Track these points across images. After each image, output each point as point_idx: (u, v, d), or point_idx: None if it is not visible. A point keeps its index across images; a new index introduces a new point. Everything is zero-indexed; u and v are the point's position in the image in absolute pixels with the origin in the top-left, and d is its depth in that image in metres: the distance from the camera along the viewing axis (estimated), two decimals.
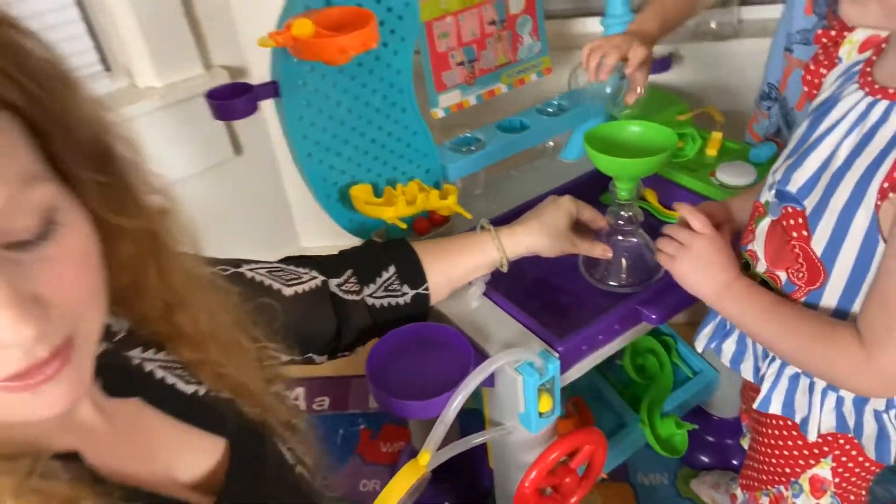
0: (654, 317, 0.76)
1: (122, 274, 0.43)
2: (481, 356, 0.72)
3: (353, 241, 0.84)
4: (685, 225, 0.70)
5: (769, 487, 0.77)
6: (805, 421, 0.66)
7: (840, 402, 0.65)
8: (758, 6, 1.18)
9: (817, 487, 0.72)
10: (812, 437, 0.66)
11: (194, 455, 0.50)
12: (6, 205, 0.32)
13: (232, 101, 0.71)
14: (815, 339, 0.60)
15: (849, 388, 0.61)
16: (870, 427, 0.64)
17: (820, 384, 0.65)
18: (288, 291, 0.70)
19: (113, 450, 0.45)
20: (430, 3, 0.86)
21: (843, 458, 0.70)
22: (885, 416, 0.64)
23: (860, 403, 0.64)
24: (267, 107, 0.77)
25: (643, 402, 1.03)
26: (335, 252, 0.77)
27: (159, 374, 0.51)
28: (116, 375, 0.47)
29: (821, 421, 0.65)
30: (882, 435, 0.64)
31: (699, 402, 1.15)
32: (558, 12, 1.24)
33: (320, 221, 0.92)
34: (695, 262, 0.68)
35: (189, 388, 0.52)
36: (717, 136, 0.97)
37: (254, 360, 0.55)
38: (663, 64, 1.15)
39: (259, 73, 0.90)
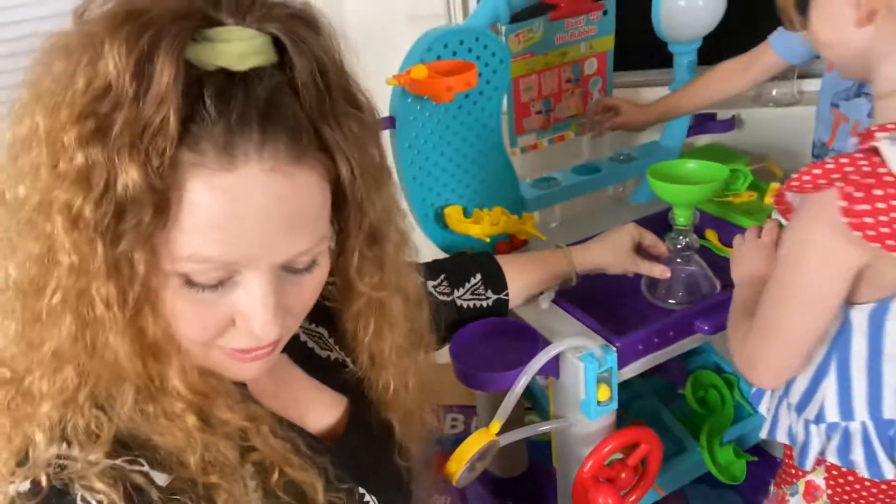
0: (706, 328, 0.86)
1: (346, 322, 0.56)
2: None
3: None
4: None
5: (782, 486, 0.82)
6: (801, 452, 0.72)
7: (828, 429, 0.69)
8: (815, 79, 1.30)
9: (810, 492, 0.76)
10: (808, 466, 0.71)
11: (322, 408, 0.59)
12: (303, 252, 0.44)
13: None
14: (736, 320, 0.70)
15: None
16: (857, 454, 0.68)
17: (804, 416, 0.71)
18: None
19: (266, 391, 0.54)
20: (521, 62, 1.04)
21: (835, 472, 0.73)
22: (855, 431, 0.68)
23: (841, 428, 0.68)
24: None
25: (703, 429, 1.09)
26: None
27: (303, 338, 0.62)
28: None
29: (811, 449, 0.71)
30: (870, 456, 0.67)
31: (760, 442, 1.19)
32: (631, 83, 1.39)
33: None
34: (748, 250, 0.79)
35: (324, 353, 0.62)
36: (774, 186, 1.08)
37: (423, 414, 0.64)
38: (726, 125, 1.28)
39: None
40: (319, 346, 0.63)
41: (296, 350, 0.60)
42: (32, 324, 0.42)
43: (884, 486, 0.71)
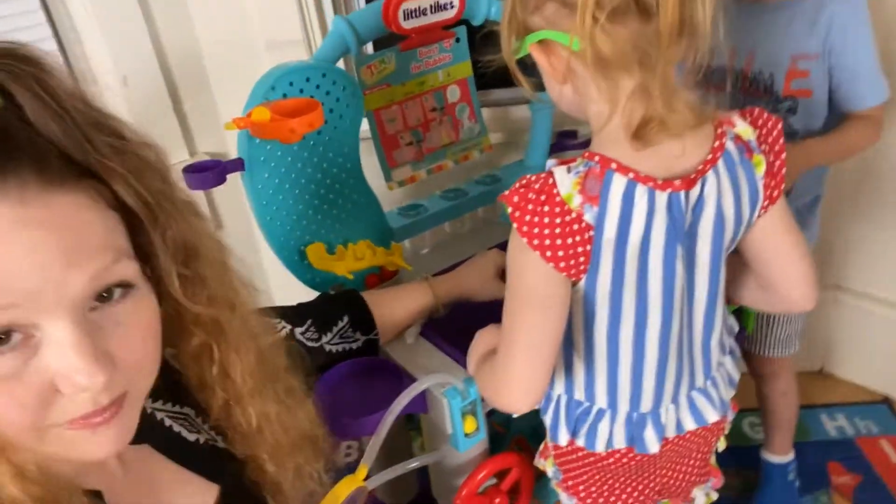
0: None
1: (189, 371, 0.51)
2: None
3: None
4: None
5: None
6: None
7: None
8: None
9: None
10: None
11: (189, 500, 0.55)
12: (103, 269, 0.40)
13: (204, 173, 0.86)
14: (482, 373, 0.76)
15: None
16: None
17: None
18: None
19: (125, 491, 0.50)
20: (377, 94, 1.03)
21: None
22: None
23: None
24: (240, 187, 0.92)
25: None
26: None
27: (167, 422, 0.57)
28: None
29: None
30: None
31: None
32: (497, 101, 1.42)
33: (290, 281, 1.05)
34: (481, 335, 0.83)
35: (192, 437, 0.58)
36: None
37: (296, 457, 0.60)
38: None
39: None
40: (187, 429, 0.58)
41: (160, 437, 0.56)
42: None
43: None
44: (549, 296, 0.65)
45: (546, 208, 0.60)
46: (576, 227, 0.61)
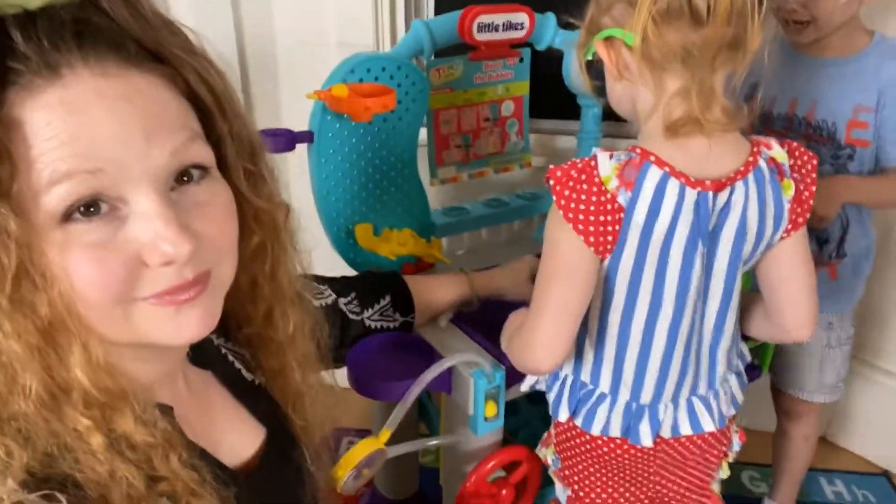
0: None
1: (244, 271, 0.51)
2: None
3: None
4: None
5: None
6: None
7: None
8: None
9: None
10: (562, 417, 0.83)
11: (238, 437, 0.56)
12: (182, 145, 0.42)
13: (275, 136, 0.92)
14: (511, 342, 0.81)
15: None
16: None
17: None
18: (315, 304, 0.86)
19: (188, 412, 0.51)
20: (440, 95, 1.10)
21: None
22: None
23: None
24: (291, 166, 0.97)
25: None
26: None
27: (230, 357, 0.60)
28: (197, 347, 0.54)
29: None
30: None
31: None
32: (546, 130, 1.49)
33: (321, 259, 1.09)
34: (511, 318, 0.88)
35: (249, 376, 0.61)
36: None
37: (315, 373, 0.63)
38: None
39: None
40: (245, 367, 0.61)
41: (221, 367, 0.59)
42: None
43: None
44: (577, 267, 0.70)
45: (584, 186, 0.67)
46: (609, 206, 0.67)
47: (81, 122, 0.39)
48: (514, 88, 1.19)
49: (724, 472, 0.90)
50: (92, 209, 0.40)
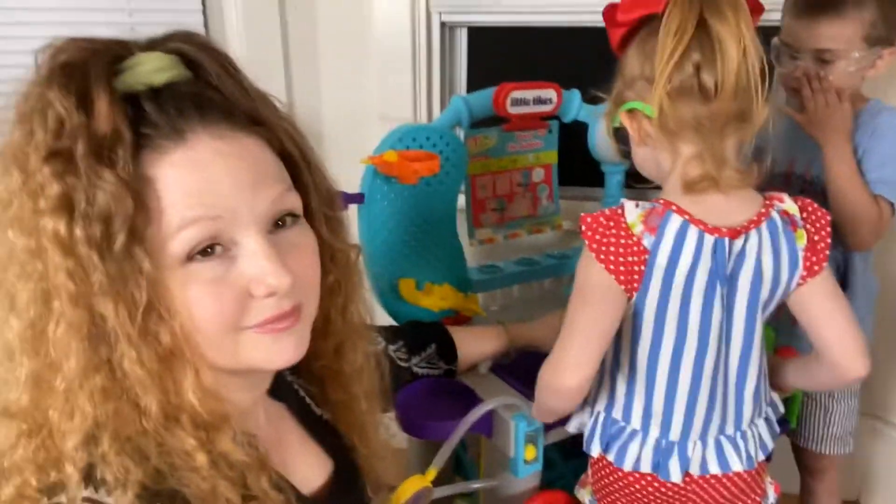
0: None
1: (319, 307, 0.55)
2: None
3: None
4: None
5: None
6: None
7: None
8: None
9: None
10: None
11: (308, 468, 0.60)
12: (280, 195, 0.49)
13: None
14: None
15: None
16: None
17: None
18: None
19: (266, 440, 0.55)
20: (477, 162, 1.20)
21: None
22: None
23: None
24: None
25: None
26: None
27: (301, 393, 0.65)
28: (274, 382, 0.59)
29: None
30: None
31: None
32: (573, 196, 1.57)
33: None
34: None
35: (318, 411, 0.66)
36: None
37: (378, 408, 0.68)
38: None
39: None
40: (314, 402, 0.66)
41: (293, 401, 0.63)
42: (42, 363, 0.44)
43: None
44: (606, 296, 0.77)
45: (613, 230, 0.75)
46: (635, 248, 0.75)
47: (204, 176, 0.46)
48: (543, 157, 1.29)
49: None
50: (209, 250, 0.46)
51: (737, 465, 0.84)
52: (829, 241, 0.80)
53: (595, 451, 0.86)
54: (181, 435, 0.47)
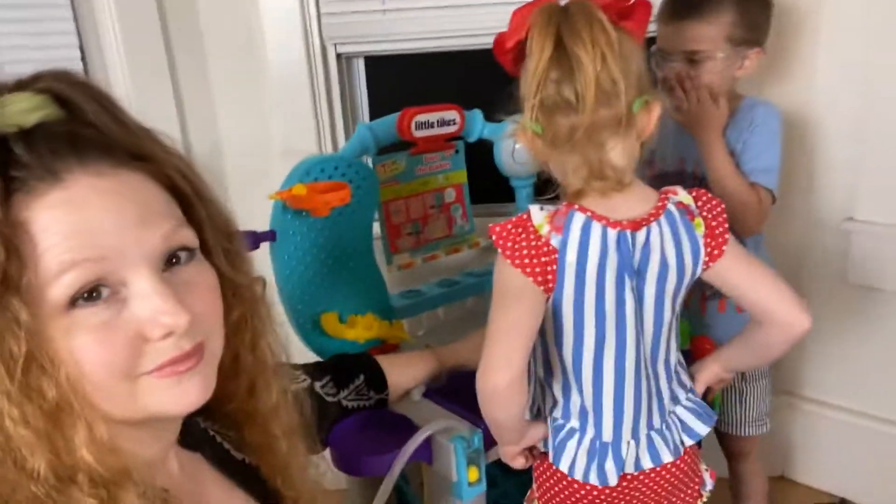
0: None
1: (226, 346, 0.53)
2: None
3: None
4: None
5: None
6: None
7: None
8: None
9: None
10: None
11: None
12: (171, 231, 0.47)
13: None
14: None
15: None
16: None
17: None
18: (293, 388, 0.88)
19: (181, 493, 0.53)
20: (388, 188, 1.19)
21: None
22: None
23: None
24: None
25: None
26: None
27: (218, 439, 0.62)
28: (186, 431, 0.57)
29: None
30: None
31: None
32: (486, 213, 1.60)
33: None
34: None
35: (239, 455, 0.63)
36: None
37: (301, 447, 0.64)
38: None
39: None
40: (234, 447, 0.63)
41: (210, 449, 0.61)
42: None
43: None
44: (524, 294, 0.79)
45: (522, 234, 0.78)
46: (545, 249, 0.78)
47: (83, 217, 0.43)
48: (453, 177, 1.30)
49: None
50: (94, 294, 0.43)
51: (667, 456, 0.87)
52: (726, 225, 0.84)
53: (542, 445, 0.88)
54: (78, 496, 0.43)
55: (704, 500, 0.95)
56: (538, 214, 0.78)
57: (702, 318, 1.23)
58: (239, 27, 1.45)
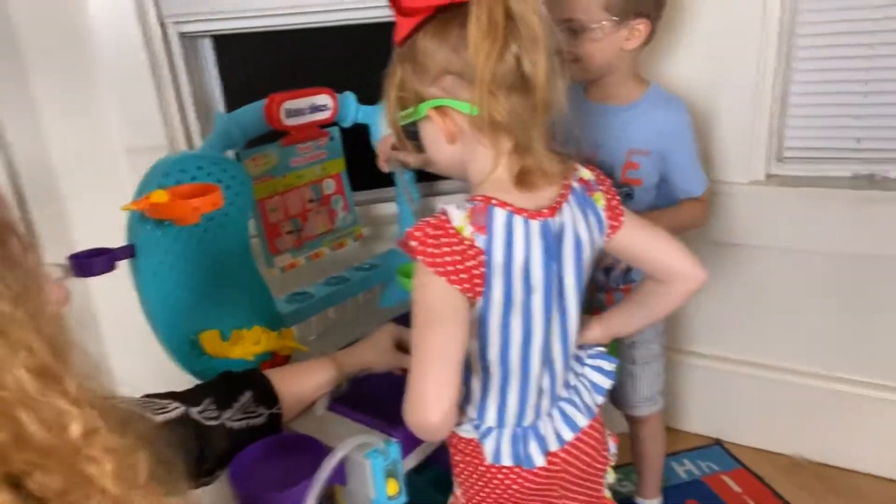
0: None
1: None
2: None
3: None
4: None
5: None
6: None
7: None
8: None
9: None
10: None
11: None
12: None
13: (91, 259, 0.83)
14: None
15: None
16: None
17: None
18: (158, 420, 0.77)
19: None
20: (261, 184, 1.08)
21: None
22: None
23: None
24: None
25: None
26: None
27: None
28: None
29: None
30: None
31: None
32: (366, 201, 1.52)
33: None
34: None
35: None
36: None
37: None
38: None
39: None
40: None
41: None
42: None
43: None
44: (454, 315, 0.72)
45: (444, 239, 0.71)
46: (470, 252, 0.71)
47: None
48: (330, 167, 1.21)
49: (611, 477, 0.97)
50: None
51: (582, 420, 0.86)
52: (618, 197, 0.84)
53: (459, 433, 0.84)
54: None
55: (612, 464, 0.96)
56: (457, 214, 0.71)
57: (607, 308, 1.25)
58: (57, 7, 1.23)
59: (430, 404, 0.72)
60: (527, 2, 0.67)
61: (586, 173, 0.82)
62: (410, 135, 0.78)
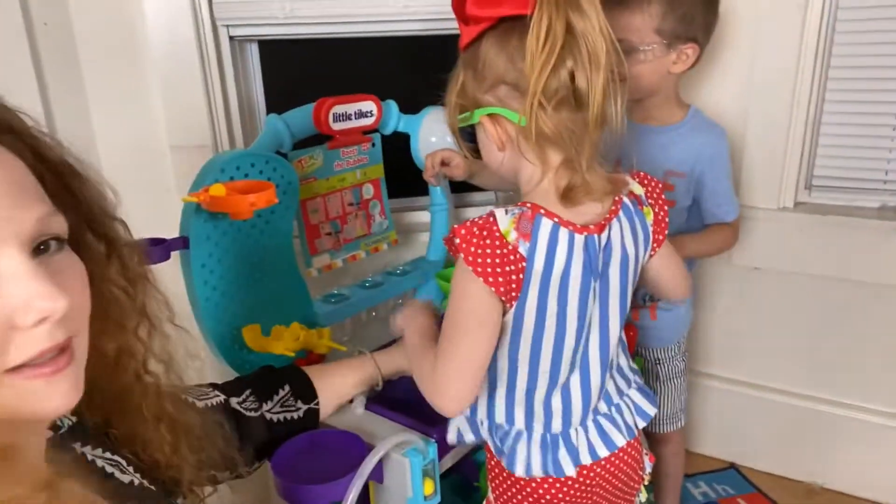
0: None
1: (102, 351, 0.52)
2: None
3: None
4: None
5: None
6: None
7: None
8: None
9: None
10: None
11: None
12: (45, 216, 0.44)
13: (150, 248, 0.85)
14: (419, 360, 0.81)
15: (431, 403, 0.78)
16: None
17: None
18: (199, 405, 0.79)
19: None
20: (306, 185, 1.10)
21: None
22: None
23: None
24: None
25: None
26: None
27: (100, 463, 0.57)
28: (65, 461, 0.52)
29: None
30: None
31: None
32: (402, 208, 1.54)
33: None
34: (410, 310, 0.90)
35: (126, 478, 0.58)
36: None
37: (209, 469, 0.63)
38: None
39: None
40: (119, 470, 0.58)
41: (94, 476, 0.55)
42: None
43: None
44: (487, 319, 0.74)
45: (488, 241, 0.72)
46: (512, 257, 0.72)
47: None
48: (370, 172, 1.23)
49: (643, 496, 0.97)
50: None
51: (620, 440, 0.86)
52: (666, 209, 0.86)
53: (492, 449, 0.85)
54: None
55: (646, 483, 0.97)
56: (504, 219, 0.73)
57: (634, 323, 1.28)
58: (116, 8, 1.27)
59: (449, 400, 0.75)
60: (590, 19, 0.68)
61: (637, 188, 0.84)
62: (468, 137, 0.81)
